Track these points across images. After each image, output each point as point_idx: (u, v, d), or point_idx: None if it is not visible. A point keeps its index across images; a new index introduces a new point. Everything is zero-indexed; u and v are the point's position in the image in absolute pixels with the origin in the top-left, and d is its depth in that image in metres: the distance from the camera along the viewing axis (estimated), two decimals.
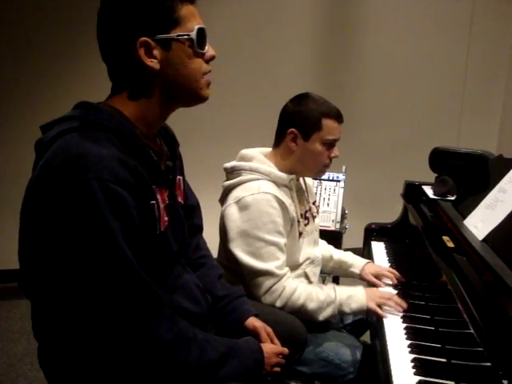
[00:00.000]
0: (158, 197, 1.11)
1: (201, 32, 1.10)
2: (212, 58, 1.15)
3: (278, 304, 1.57)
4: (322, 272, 1.99)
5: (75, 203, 0.94)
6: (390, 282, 1.81)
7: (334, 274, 2.04)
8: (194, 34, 1.09)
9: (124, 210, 0.97)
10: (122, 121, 1.08)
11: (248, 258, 1.56)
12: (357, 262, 1.94)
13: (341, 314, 1.65)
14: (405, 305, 1.57)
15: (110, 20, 1.07)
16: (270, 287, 1.56)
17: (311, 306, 1.59)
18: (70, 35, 3.30)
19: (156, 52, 1.07)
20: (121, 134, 1.05)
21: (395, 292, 1.71)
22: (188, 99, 1.16)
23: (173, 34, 1.07)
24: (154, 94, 1.11)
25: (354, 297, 1.62)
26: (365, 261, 1.95)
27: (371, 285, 1.84)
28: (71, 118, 1.07)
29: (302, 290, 1.60)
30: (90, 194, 0.94)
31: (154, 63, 1.07)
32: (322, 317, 1.60)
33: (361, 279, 1.91)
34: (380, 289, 1.77)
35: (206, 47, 1.13)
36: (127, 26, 1.05)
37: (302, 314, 1.58)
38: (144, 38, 1.05)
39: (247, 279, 1.59)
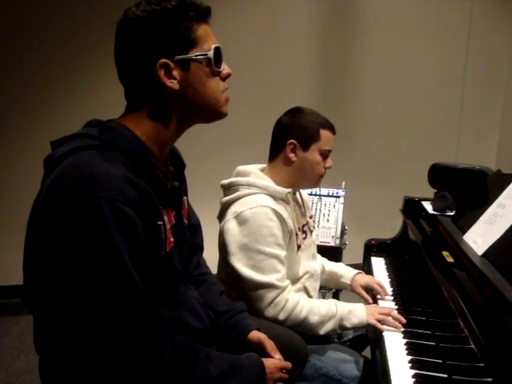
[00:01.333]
0: (165, 217, 1.12)
1: (217, 51, 1.13)
2: (228, 75, 1.17)
3: (281, 317, 1.58)
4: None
5: (83, 221, 0.95)
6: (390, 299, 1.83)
7: (327, 286, 2.06)
8: (211, 54, 1.11)
9: (131, 229, 0.98)
10: (132, 140, 1.09)
11: (249, 272, 1.57)
12: (347, 273, 1.98)
13: (342, 328, 1.66)
14: (403, 320, 1.58)
15: (129, 43, 1.08)
16: (273, 300, 1.57)
17: (313, 319, 1.60)
18: (78, 50, 3.34)
19: (175, 73, 1.09)
20: (130, 154, 1.06)
21: (395, 307, 1.72)
22: (208, 116, 1.18)
23: (191, 55, 1.09)
24: (173, 113, 1.13)
25: (354, 312, 1.64)
26: (355, 271, 1.99)
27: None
28: (83, 136, 1.08)
29: (304, 303, 1.61)
30: (98, 213, 0.94)
31: (173, 84, 1.09)
32: (323, 331, 1.61)
33: (352, 291, 1.94)
34: (380, 302, 1.80)
35: (223, 65, 1.15)
36: (146, 49, 1.07)
37: (303, 328, 1.60)
38: (164, 60, 1.07)
39: (249, 293, 1.59)
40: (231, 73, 1.18)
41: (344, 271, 1.99)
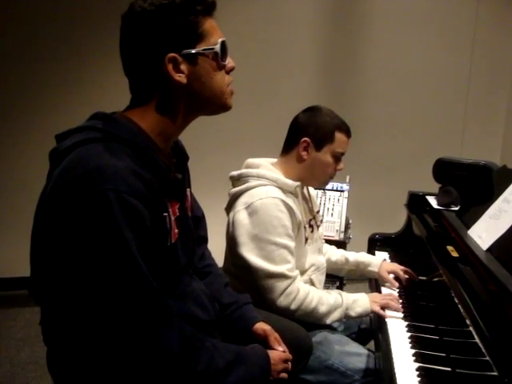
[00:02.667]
0: (170, 209, 1.13)
1: (223, 45, 1.13)
2: (232, 69, 1.18)
3: (293, 306, 1.60)
4: (337, 276, 2.04)
5: (91, 213, 0.95)
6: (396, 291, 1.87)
7: (351, 277, 2.09)
8: (218, 48, 1.11)
9: (139, 221, 0.99)
10: (137, 133, 1.10)
11: (261, 262, 1.59)
12: (374, 261, 2.01)
13: (347, 317, 1.70)
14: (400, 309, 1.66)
15: (136, 37, 1.08)
16: (285, 289, 1.59)
17: (322, 309, 1.64)
18: (80, 43, 3.34)
19: (183, 67, 1.09)
20: (135, 146, 1.07)
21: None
22: (213, 109, 1.19)
23: (198, 49, 1.10)
24: (180, 107, 1.14)
25: (358, 301, 1.69)
26: (380, 258, 2.04)
27: (373, 290, 1.93)
28: (88, 129, 1.08)
29: (314, 293, 1.65)
30: (106, 205, 0.95)
31: (181, 78, 1.09)
32: (330, 320, 1.66)
33: (379, 278, 1.97)
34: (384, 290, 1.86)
35: (227, 59, 1.16)
36: (154, 43, 1.07)
37: (312, 317, 1.64)
38: (172, 54, 1.07)
39: (260, 283, 1.61)
40: (235, 66, 1.18)
41: (371, 260, 2.03)
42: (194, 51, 1.09)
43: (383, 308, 1.67)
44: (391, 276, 1.95)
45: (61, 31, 3.32)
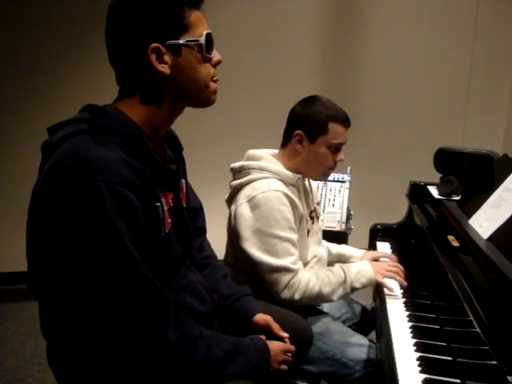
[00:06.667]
0: (163, 200, 1.13)
1: (209, 37, 1.13)
2: (218, 62, 1.18)
3: (297, 296, 1.61)
4: None
5: (83, 204, 0.96)
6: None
7: None
8: (202, 40, 1.11)
9: (130, 211, 0.99)
10: (128, 124, 1.10)
11: (264, 256, 1.59)
12: (355, 253, 2.03)
13: (352, 290, 1.70)
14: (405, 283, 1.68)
15: (121, 27, 1.08)
16: (288, 282, 1.60)
17: (326, 290, 1.65)
18: (76, 37, 3.34)
19: (166, 57, 1.09)
20: (127, 137, 1.07)
21: (400, 291, 1.73)
22: (196, 103, 1.18)
23: (182, 40, 1.09)
24: (164, 98, 1.13)
25: (362, 271, 1.69)
26: (362, 251, 2.04)
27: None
28: (79, 121, 1.08)
29: (315, 278, 1.65)
30: (97, 196, 0.95)
31: (165, 68, 1.09)
32: (336, 297, 1.67)
33: None
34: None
35: (213, 52, 1.15)
36: (138, 33, 1.07)
37: (318, 300, 1.68)
38: (155, 44, 1.07)
39: (264, 276, 1.61)
40: (222, 60, 1.18)
41: (352, 252, 2.04)
42: (177, 42, 1.09)
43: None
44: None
45: (59, 30, 3.34)
